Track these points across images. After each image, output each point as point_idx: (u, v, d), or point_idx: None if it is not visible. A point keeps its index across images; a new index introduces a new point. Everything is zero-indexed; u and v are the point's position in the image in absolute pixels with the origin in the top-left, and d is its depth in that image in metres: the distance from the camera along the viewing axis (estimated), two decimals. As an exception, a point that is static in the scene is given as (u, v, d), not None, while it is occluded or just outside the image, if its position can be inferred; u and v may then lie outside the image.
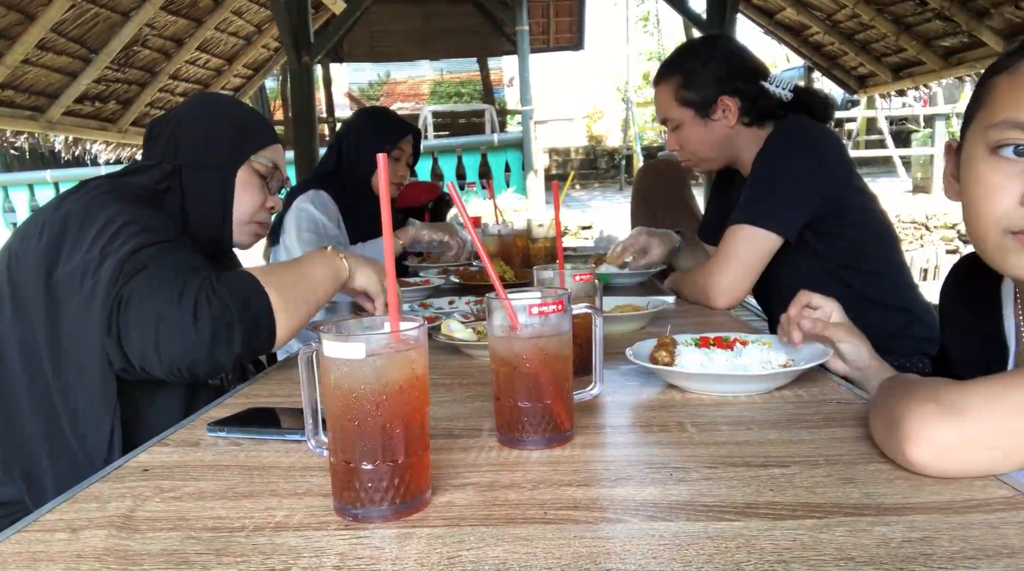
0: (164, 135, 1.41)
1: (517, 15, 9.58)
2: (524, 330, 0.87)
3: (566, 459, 0.85)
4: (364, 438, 0.71)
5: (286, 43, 5.39)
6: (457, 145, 10.05)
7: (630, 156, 13.98)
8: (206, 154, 1.41)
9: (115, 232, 1.17)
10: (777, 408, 1.01)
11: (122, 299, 1.11)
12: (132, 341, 1.10)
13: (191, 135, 1.41)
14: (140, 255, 1.16)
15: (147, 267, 1.14)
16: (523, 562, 0.62)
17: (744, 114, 1.87)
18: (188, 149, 1.40)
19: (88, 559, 0.66)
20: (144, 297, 1.11)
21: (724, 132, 1.89)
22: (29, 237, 1.22)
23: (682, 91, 1.89)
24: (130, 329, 1.10)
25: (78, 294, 1.15)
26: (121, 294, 1.11)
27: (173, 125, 1.42)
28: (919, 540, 0.63)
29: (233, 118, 1.48)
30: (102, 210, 1.21)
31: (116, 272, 1.13)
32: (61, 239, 1.19)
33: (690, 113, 1.90)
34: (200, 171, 1.40)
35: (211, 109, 1.48)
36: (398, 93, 20.70)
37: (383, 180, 0.77)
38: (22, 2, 4.52)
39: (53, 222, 1.21)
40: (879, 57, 6.18)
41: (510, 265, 2.22)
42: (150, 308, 1.10)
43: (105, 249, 1.16)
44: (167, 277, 1.13)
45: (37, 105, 5.37)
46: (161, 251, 1.18)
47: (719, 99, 1.86)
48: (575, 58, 15.76)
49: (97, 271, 1.14)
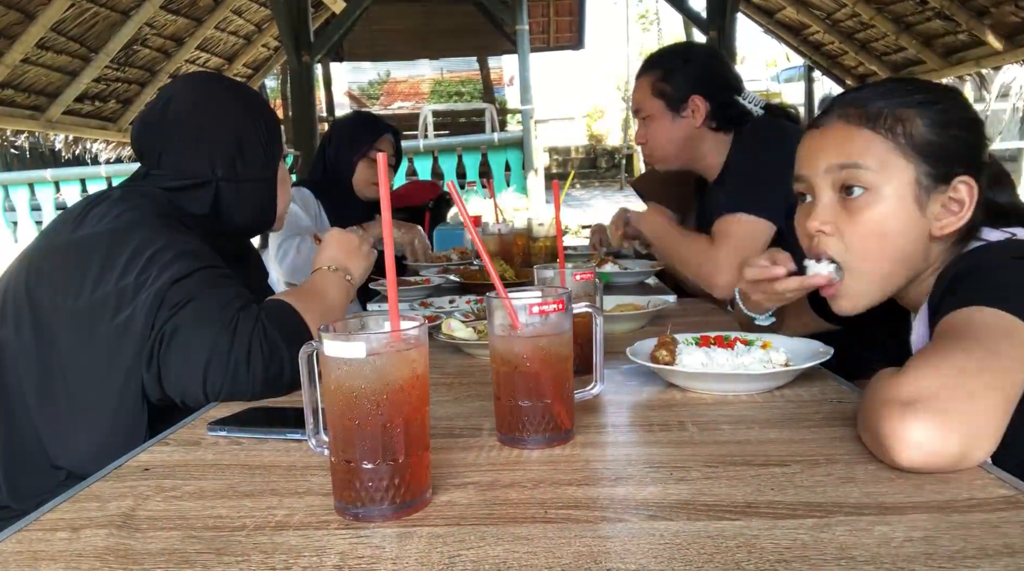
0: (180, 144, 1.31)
1: (517, 14, 9.56)
2: (525, 329, 0.87)
3: (566, 458, 0.85)
4: (365, 437, 0.71)
5: (286, 42, 5.40)
6: (457, 144, 10.03)
7: (630, 155, 13.97)
8: (245, 170, 1.35)
9: (150, 258, 1.13)
10: (778, 407, 1.01)
11: (165, 335, 1.09)
12: (174, 378, 1.10)
13: (224, 153, 1.32)
14: (182, 287, 1.12)
15: (193, 300, 1.12)
16: (523, 561, 0.62)
17: (711, 118, 1.95)
18: (224, 167, 1.32)
19: (89, 558, 0.66)
20: (191, 335, 1.09)
21: (688, 131, 1.97)
22: (54, 253, 1.18)
23: (658, 84, 1.98)
24: (173, 367, 1.09)
25: (110, 321, 1.11)
26: (164, 330, 1.09)
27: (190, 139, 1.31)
28: (920, 539, 0.63)
29: (259, 121, 1.39)
30: (128, 233, 1.16)
31: (156, 304, 1.10)
32: (90, 263, 1.14)
33: (661, 105, 1.98)
34: (244, 185, 1.35)
35: (232, 114, 1.36)
36: (398, 92, 20.70)
37: (383, 180, 0.77)
38: (22, 1, 4.52)
39: (79, 244, 1.17)
40: (879, 56, 6.18)
41: (510, 264, 2.22)
42: (198, 348, 1.09)
43: (140, 277, 1.12)
44: (215, 312, 1.11)
45: (37, 104, 5.37)
46: (203, 281, 1.15)
47: (690, 98, 1.94)
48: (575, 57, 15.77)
49: (132, 301, 1.11)
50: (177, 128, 1.32)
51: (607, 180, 14.30)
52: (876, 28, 5.76)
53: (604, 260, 2.25)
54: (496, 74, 17.42)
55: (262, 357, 1.11)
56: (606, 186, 13.84)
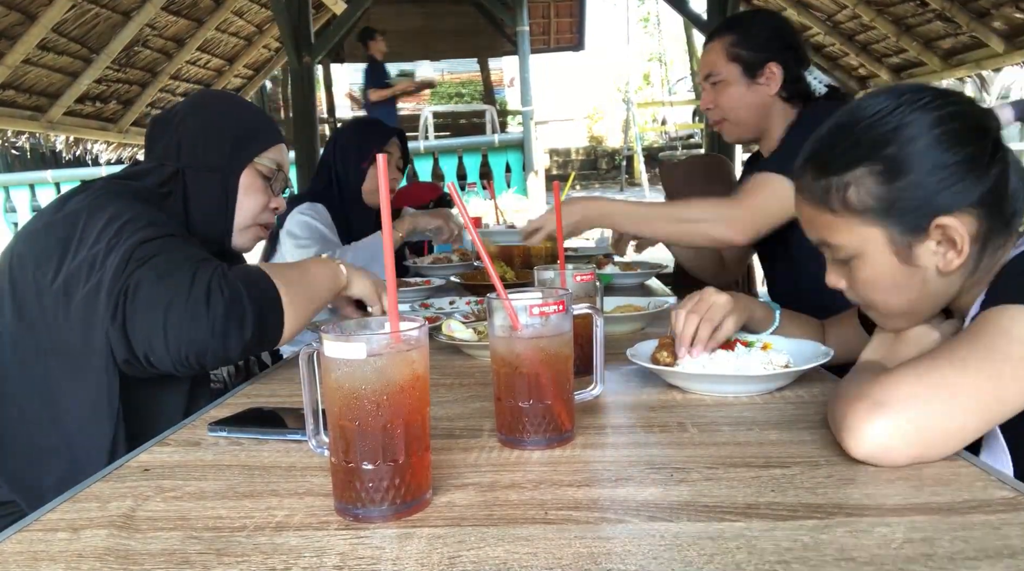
0: (165, 135, 1.39)
1: (517, 16, 9.58)
2: (525, 330, 0.87)
3: (567, 459, 0.85)
4: (365, 438, 0.71)
5: (287, 43, 5.40)
6: (458, 145, 10.04)
7: (631, 157, 13.97)
8: (207, 156, 1.38)
9: (121, 226, 1.16)
10: (778, 409, 1.01)
11: (129, 287, 1.10)
12: (139, 328, 1.09)
13: (192, 136, 1.38)
14: (148, 246, 1.15)
15: (156, 255, 1.13)
16: (523, 562, 0.62)
17: (783, 87, 1.86)
18: (189, 151, 1.37)
19: (89, 559, 0.66)
20: (154, 284, 1.10)
21: (763, 99, 1.88)
22: (33, 237, 1.22)
23: (734, 47, 1.89)
24: (137, 316, 1.09)
25: (83, 288, 1.14)
26: (128, 282, 1.10)
27: (174, 125, 1.39)
28: (920, 541, 0.63)
29: (236, 119, 1.45)
30: (106, 207, 1.20)
31: (123, 261, 1.12)
32: (67, 238, 1.18)
33: (737, 70, 1.88)
34: (202, 173, 1.38)
35: (213, 109, 1.44)
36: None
37: (383, 180, 0.77)
38: (23, 2, 4.52)
39: (56, 222, 1.20)
40: (880, 58, 6.18)
41: (511, 265, 2.22)
42: (160, 294, 1.09)
43: (111, 242, 1.15)
44: (177, 264, 1.12)
45: (38, 105, 5.38)
46: (169, 242, 1.18)
47: (767, 64, 1.86)
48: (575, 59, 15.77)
49: (104, 263, 1.13)
50: (167, 121, 1.41)
51: (607, 181, 14.30)
52: (877, 30, 5.76)
53: (604, 261, 2.25)
54: (496, 75, 17.41)
55: (221, 298, 1.10)
56: (606, 187, 13.84)
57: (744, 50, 1.87)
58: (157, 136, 1.40)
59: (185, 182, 1.37)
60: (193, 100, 1.46)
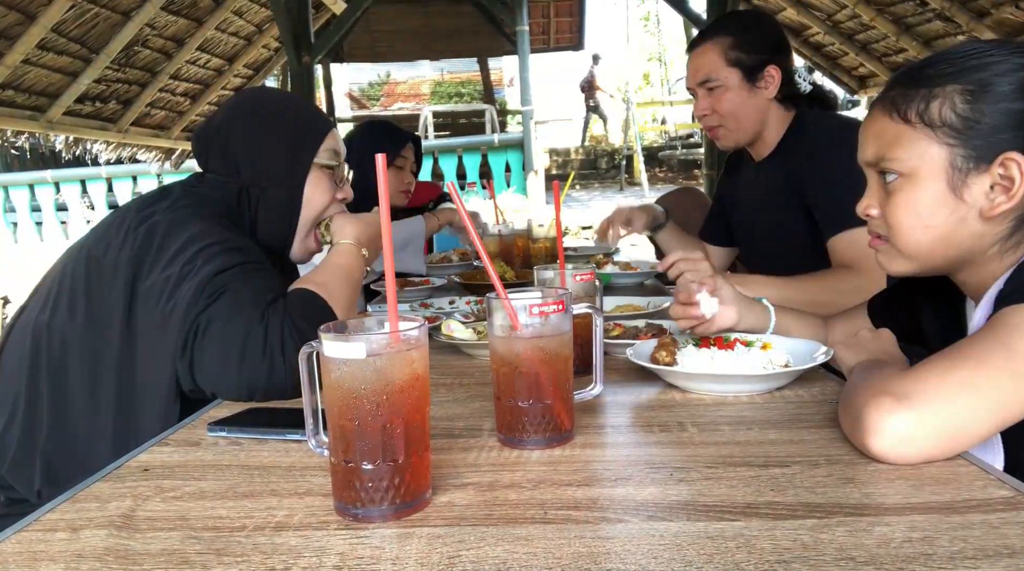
0: (214, 152, 1.37)
1: (517, 15, 9.57)
2: (524, 330, 0.87)
3: (566, 459, 0.85)
4: (364, 438, 0.71)
5: (286, 43, 5.39)
6: (457, 145, 10.04)
7: (631, 156, 13.97)
8: (269, 172, 1.36)
9: (197, 251, 1.17)
10: (777, 408, 1.01)
11: (199, 325, 1.11)
12: (206, 367, 1.10)
13: (247, 154, 1.36)
14: (220, 278, 1.15)
15: (227, 292, 1.13)
16: (523, 562, 0.62)
17: (782, 88, 1.83)
18: (248, 169, 1.35)
19: (88, 559, 0.66)
20: (224, 326, 1.10)
21: (763, 103, 1.84)
22: (112, 245, 1.21)
23: (733, 51, 1.82)
24: (206, 355, 1.10)
25: (154, 311, 1.15)
26: (199, 320, 1.11)
27: (220, 142, 1.37)
28: (919, 540, 0.63)
29: (284, 122, 1.40)
30: (185, 226, 1.20)
31: (196, 295, 1.12)
32: (143, 252, 1.18)
33: (738, 76, 1.82)
34: (268, 190, 1.36)
35: (258, 117, 1.39)
36: (398, 93, 20.70)
37: (383, 181, 0.77)
38: (22, 2, 4.52)
39: (136, 234, 1.20)
40: (880, 57, 6.18)
41: (510, 265, 2.22)
42: (231, 338, 1.10)
43: (185, 268, 1.15)
44: (246, 305, 1.13)
45: (37, 105, 5.37)
46: (242, 275, 1.17)
47: (767, 67, 1.81)
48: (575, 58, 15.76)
49: (176, 290, 1.14)
50: (214, 135, 1.38)
51: (607, 181, 14.29)
52: (877, 29, 5.75)
53: (604, 261, 2.25)
54: (496, 75, 17.42)
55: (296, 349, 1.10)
56: (606, 187, 13.83)
57: (744, 53, 1.82)
58: (207, 152, 1.39)
59: (250, 199, 1.36)
60: (234, 110, 1.42)
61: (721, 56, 1.83)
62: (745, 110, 1.85)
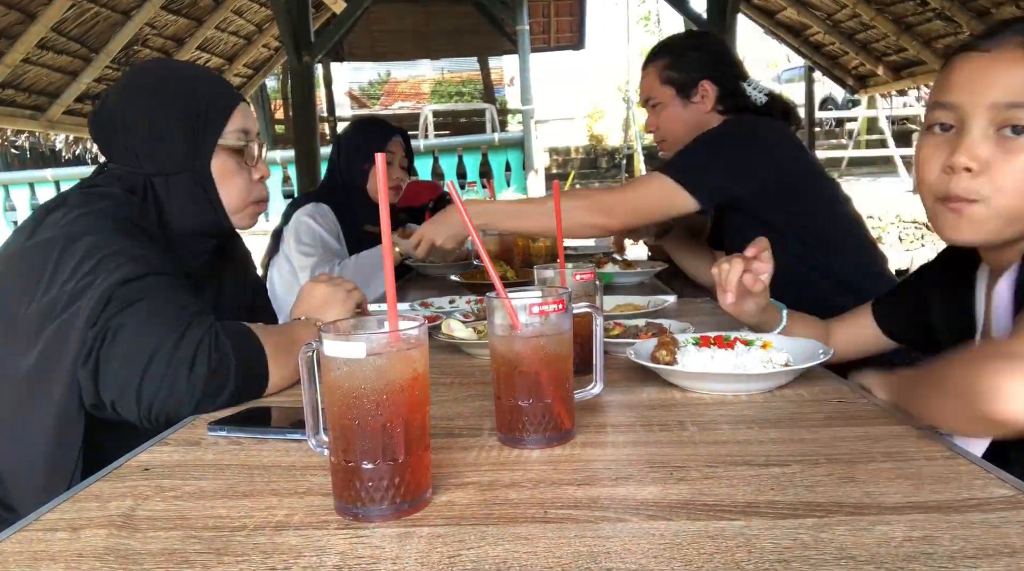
0: (113, 139, 1.26)
1: (517, 14, 9.57)
2: (525, 329, 0.87)
3: (566, 458, 0.85)
4: (364, 437, 0.71)
5: (286, 42, 5.39)
6: (458, 144, 10.04)
7: (631, 155, 13.97)
8: (167, 159, 1.25)
9: (99, 261, 1.09)
10: (778, 407, 1.01)
11: (109, 330, 1.04)
12: (110, 376, 1.04)
13: (143, 142, 1.24)
14: (131, 287, 1.07)
15: (140, 301, 1.07)
16: (523, 561, 0.62)
17: (719, 102, 1.96)
18: (147, 158, 1.25)
19: (89, 558, 0.66)
20: (135, 332, 1.04)
21: (700, 116, 1.97)
22: (9, 261, 1.15)
23: (667, 71, 1.99)
24: (112, 363, 1.03)
25: (52, 324, 1.06)
26: (109, 324, 1.04)
27: (117, 128, 1.26)
28: (920, 539, 0.63)
29: (179, 105, 1.26)
30: (83, 237, 1.11)
31: (103, 300, 1.05)
32: (40, 270, 1.10)
33: (671, 92, 1.99)
34: (170, 178, 1.26)
35: (153, 103, 1.26)
36: (399, 92, 20.70)
37: (382, 180, 0.77)
38: (23, 1, 4.51)
39: (30, 249, 1.13)
40: (880, 57, 6.18)
41: (511, 264, 2.22)
42: (141, 345, 1.03)
43: (87, 277, 1.07)
44: (164, 314, 1.07)
45: (38, 104, 5.37)
46: (153, 283, 1.10)
47: (700, 83, 1.95)
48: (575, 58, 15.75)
49: (77, 299, 1.06)
50: (109, 120, 1.27)
51: (608, 180, 14.29)
52: (877, 29, 5.76)
53: (604, 260, 2.25)
54: (496, 74, 17.42)
55: (207, 364, 1.05)
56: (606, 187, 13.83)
57: (676, 71, 1.98)
58: (105, 139, 1.28)
59: (155, 189, 1.26)
60: (127, 88, 1.29)
61: (657, 76, 2.02)
62: (681, 124, 2.00)
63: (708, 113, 1.96)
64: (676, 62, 1.98)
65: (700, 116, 1.97)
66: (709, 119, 1.96)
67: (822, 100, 13.46)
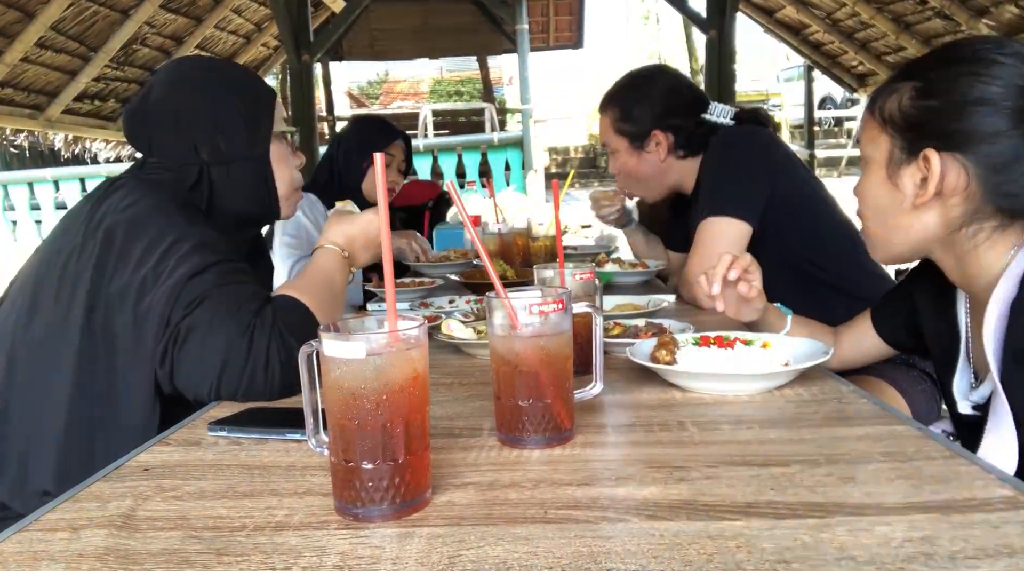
0: (164, 133, 1.28)
1: (517, 14, 9.57)
2: (524, 329, 0.87)
3: (566, 458, 0.85)
4: (364, 437, 0.71)
5: (286, 41, 5.39)
6: (457, 144, 10.03)
7: (630, 155, 13.97)
8: (231, 148, 1.30)
9: (166, 250, 1.13)
10: (778, 407, 1.01)
11: (179, 333, 1.09)
12: (185, 376, 1.10)
13: (200, 134, 1.28)
14: (196, 282, 1.12)
15: (207, 298, 1.11)
16: (523, 561, 0.62)
17: (678, 147, 1.96)
18: (208, 147, 1.28)
19: (89, 558, 0.66)
20: (206, 337, 1.09)
21: (655, 165, 1.99)
22: (69, 251, 1.17)
23: (619, 123, 2.01)
24: (185, 365, 1.09)
25: (125, 316, 1.12)
26: (179, 328, 1.09)
27: (167, 121, 1.28)
28: (920, 539, 0.63)
29: (238, 97, 1.33)
30: (146, 224, 1.16)
31: (171, 299, 1.10)
32: (105, 257, 1.14)
33: (625, 143, 2.01)
34: (232, 166, 1.30)
35: (207, 96, 1.31)
36: (398, 92, 20.70)
37: (380, 179, 0.77)
38: (21, 0, 4.51)
39: (95, 237, 1.16)
40: (879, 55, 6.18)
41: (510, 264, 2.22)
42: (212, 349, 1.09)
43: (156, 269, 1.12)
44: (230, 315, 1.11)
45: (36, 103, 5.37)
46: (218, 278, 1.14)
47: (652, 133, 1.96)
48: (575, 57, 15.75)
49: (149, 295, 1.11)
50: (158, 114, 1.30)
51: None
52: (876, 28, 5.76)
53: (604, 260, 2.25)
54: (496, 74, 17.41)
55: (280, 364, 1.11)
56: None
57: (627, 124, 1.99)
58: (151, 134, 1.30)
59: (212, 178, 1.30)
60: (173, 84, 1.33)
61: (611, 126, 2.03)
62: (638, 173, 2.03)
63: (663, 161, 1.97)
64: (627, 114, 1.98)
65: (656, 164, 1.99)
66: (666, 167, 1.98)
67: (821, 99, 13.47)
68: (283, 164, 1.38)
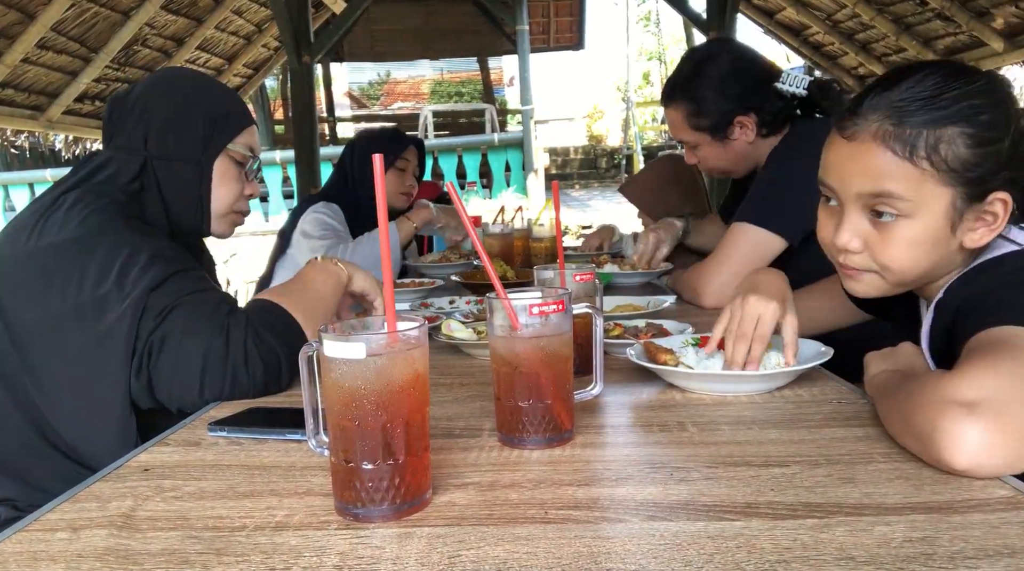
0: (128, 121, 1.31)
1: (517, 15, 9.58)
2: (524, 330, 0.87)
3: (566, 459, 0.85)
4: (365, 438, 0.71)
5: (286, 42, 5.39)
6: (457, 145, 10.04)
7: (630, 156, 13.98)
8: (178, 147, 1.31)
9: (124, 264, 1.12)
10: (777, 408, 1.01)
11: (153, 344, 1.09)
12: (167, 385, 1.10)
13: (160, 125, 1.30)
14: (160, 293, 1.12)
15: (176, 307, 1.11)
16: (523, 562, 0.62)
17: (762, 126, 1.82)
18: (158, 141, 1.30)
19: (89, 559, 0.66)
20: (182, 342, 1.09)
21: (744, 148, 1.85)
22: (14, 262, 1.16)
23: (694, 118, 1.84)
24: (166, 374, 1.09)
25: (87, 333, 1.10)
26: (151, 340, 1.09)
27: (138, 111, 1.31)
28: (919, 540, 0.63)
29: (206, 104, 1.35)
30: (97, 239, 1.15)
31: (137, 313, 1.09)
32: (53, 273, 1.13)
33: (706, 137, 1.86)
34: (173, 164, 1.31)
35: (180, 93, 1.35)
36: (398, 93, 20.71)
37: (379, 180, 0.77)
38: (22, 1, 4.52)
39: (43, 253, 1.14)
40: (879, 57, 6.18)
41: (510, 265, 2.22)
42: (191, 353, 1.09)
43: (117, 284, 1.11)
44: (203, 319, 1.11)
45: (37, 104, 5.38)
46: (181, 287, 1.14)
47: (735, 120, 1.82)
48: (575, 58, 15.77)
49: (112, 310, 1.10)
50: (130, 103, 1.32)
51: (607, 181, 14.29)
52: (876, 29, 5.76)
53: (604, 260, 2.25)
54: (496, 74, 17.43)
55: (260, 360, 1.12)
56: (606, 187, 13.83)
57: (704, 118, 1.83)
58: (119, 122, 1.32)
59: (155, 173, 1.30)
60: (156, 83, 1.37)
61: (685, 122, 1.87)
62: (727, 159, 1.89)
63: (752, 143, 1.83)
64: (700, 108, 1.82)
65: (744, 148, 1.84)
66: (754, 147, 1.84)
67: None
68: (228, 183, 1.37)
